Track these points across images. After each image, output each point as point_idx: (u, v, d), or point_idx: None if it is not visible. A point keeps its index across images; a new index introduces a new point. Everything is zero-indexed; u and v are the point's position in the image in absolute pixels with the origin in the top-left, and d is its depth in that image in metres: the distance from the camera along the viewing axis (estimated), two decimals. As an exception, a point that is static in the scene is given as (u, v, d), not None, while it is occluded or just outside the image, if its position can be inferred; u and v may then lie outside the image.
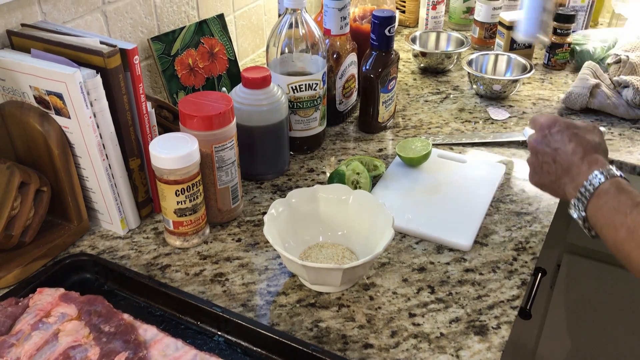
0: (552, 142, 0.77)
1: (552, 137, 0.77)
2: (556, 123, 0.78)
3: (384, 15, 1.04)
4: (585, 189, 0.70)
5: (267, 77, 0.94)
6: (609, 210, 0.68)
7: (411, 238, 0.89)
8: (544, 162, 0.78)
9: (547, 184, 0.79)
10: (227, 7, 1.28)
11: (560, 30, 1.32)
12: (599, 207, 0.69)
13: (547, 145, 0.77)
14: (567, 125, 0.77)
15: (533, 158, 0.80)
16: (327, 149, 1.10)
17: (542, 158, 0.78)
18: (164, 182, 0.81)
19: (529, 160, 0.82)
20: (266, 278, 0.82)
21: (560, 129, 0.77)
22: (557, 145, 0.76)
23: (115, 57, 0.78)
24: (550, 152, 0.77)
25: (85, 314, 0.72)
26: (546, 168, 0.78)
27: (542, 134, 0.79)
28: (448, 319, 0.76)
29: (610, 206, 0.68)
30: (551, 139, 0.77)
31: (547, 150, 0.77)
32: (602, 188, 0.69)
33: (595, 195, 0.69)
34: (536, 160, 0.79)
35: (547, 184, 0.79)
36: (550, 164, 0.77)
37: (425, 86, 1.32)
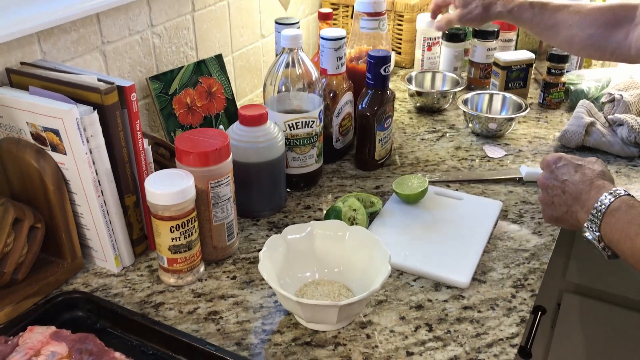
0: (559, 175, 0.83)
1: (559, 170, 0.84)
2: (561, 158, 0.85)
3: (379, 55, 1.06)
4: (597, 210, 0.76)
5: (264, 114, 0.95)
6: (622, 224, 0.73)
7: (408, 275, 0.88)
8: (555, 195, 0.84)
9: (559, 215, 0.84)
10: (226, 48, 1.30)
11: (554, 70, 1.34)
12: (613, 224, 0.74)
13: (555, 179, 0.84)
14: (571, 158, 0.85)
15: (544, 194, 0.86)
16: (324, 186, 1.10)
17: (552, 192, 0.84)
18: (158, 218, 0.80)
19: (540, 197, 0.88)
20: (261, 316, 0.81)
21: (565, 163, 0.84)
22: (564, 177, 0.83)
23: (112, 94, 0.79)
24: (558, 184, 0.83)
25: (76, 353, 0.70)
26: (557, 200, 0.83)
27: (549, 170, 0.86)
28: (447, 357, 0.74)
29: (623, 221, 0.73)
30: (558, 173, 0.84)
31: (555, 184, 0.84)
32: (613, 206, 0.74)
33: (607, 213, 0.74)
34: (547, 196, 0.86)
35: (559, 215, 0.84)
36: (560, 196, 0.83)
37: (422, 125, 1.32)
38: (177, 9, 1.15)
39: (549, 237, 0.96)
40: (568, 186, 0.82)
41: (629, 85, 1.27)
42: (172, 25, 1.15)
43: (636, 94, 1.22)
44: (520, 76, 1.37)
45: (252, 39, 1.39)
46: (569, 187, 0.82)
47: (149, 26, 1.10)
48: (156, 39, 1.12)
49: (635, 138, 1.15)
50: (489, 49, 1.42)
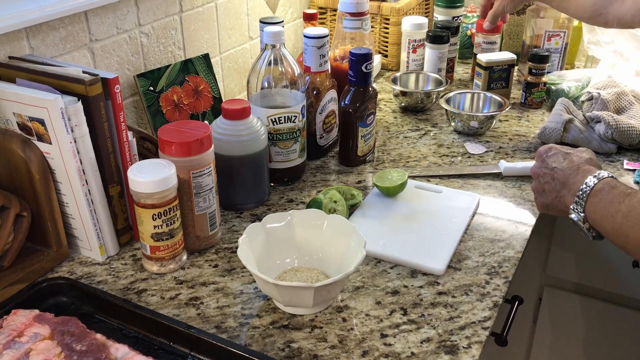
0: (549, 163, 0.88)
1: (549, 159, 0.89)
2: (552, 148, 0.91)
3: (360, 52, 1.09)
4: (582, 192, 0.80)
5: (247, 108, 0.98)
6: (605, 203, 0.77)
7: (386, 263, 0.90)
8: (545, 183, 0.88)
9: (550, 202, 0.88)
10: (214, 48, 1.33)
11: (535, 70, 1.37)
12: (596, 204, 0.78)
13: (546, 167, 0.89)
14: (561, 147, 0.90)
15: (536, 183, 0.92)
16: (308, 180, 1.12)
17: (543, 179, 0.89)
18: (141, 206, 0.83)
19: (533, 186, 0.93)
20: (241, 301, 0.83)
21: (555, 152, 0.89)
22: (554, 164, 0.87)
23: (96, 85, 0.82)
24: (548, 172, 0.88)
25: (58, 334, 0.72)
26: (547, 187, 0.88)
27: (540, 159, 0.91)
28: (419, 339, 0.76)
29: (605, 200, 0.77)
30: (549, 161, 0.89)
31: (546, 172, 0.88)
32: (597, 188, 0.79)
33: (591, 195, 0.79)
34: (539, 184, 0.90)
35: (550, 202, 0.88)
36: (550, 183, 0.87)
37: (405, 124, 1.35)
38: (164, 9, 1.18)
39: (524, 228, 0.98)
40: (557, 172, 0.86)
41: (607, 84, 1.30)
42: (160, 25, 1.17)
43: (614, 92, 1.25)
44: (503, 76, 1.40)
45: (240, 41, 1.41)
46: (557, 173, 0.86)
47: (136, 25, 1.13)
48: (144, 38, 1.15)
49: (612, 134, 1.18)
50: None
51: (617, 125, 1.17)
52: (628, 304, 1.19)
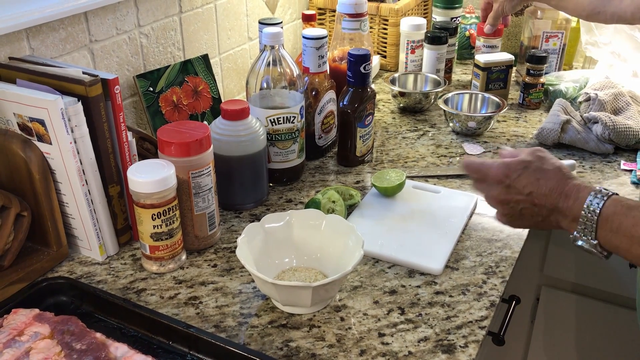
0: (520, 188, 0.75)
1: (517, 182, 0.75)
2: (510, 170, 0.76)
3: (359, 53, 1.09)
4: (587, 219, 0.70)
5: (246, 109, 0.98)
6: (628, 228, 0.67)
7: (384, 263, 0.91)
8: (523, 208, 0.76)
9: (533, 224, 0.78)
10: (213, 49, 1.34)
11: (533, 71, 1.38)
12: (615, 230, 0.68)
13: (518, 193, 0.76)
14: (520, 162, 0.76)
15: (507, 209, 0.78)
16: (306, 181, 1.13)
17: (519, 205, 0.76)
18: (140, 206, 0.83)
19: (503, 212, 0.79)
20: (239, 301, 0.83)
21: (519, 173, 0.76)
22: (528, 189, 0.75)
23: (96, 86, 0.82)
24: (524, 198, 0.75)
25: (58, 333, 0.73)
26: (527, 212, 0.76)
27: (503, 185, 0.77)
28: (417, 338, 0.77)
29: (628, 225, 0.67)
30: (518, 186, 0.75)
31: (520, 198, 0.76)
32: (607, 212, 0.69)
33: (602, 220, 0.69)
34: (512, 210, 0.77)
35: (533, 224, 0.78)
36: (531, 208, 0.76)
37: (404, 124, 1.36)
38: (164, 10, 1.18)
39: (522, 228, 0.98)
40: (538, 198, 0.74)
41: (604, 85, 1.30)
42: (160, 26, 1.18)
43: (611, 93, 1.26)
44: (500, 77, 1.40)
45: (240, 42, 1.42)
46: (539, 199, 0.74)
47: (136, 26, 1.13)
48: (143, 38, 1.15)
49: (609, 135, 1.18)
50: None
51: (614, 126, 1.18)
52: (625, 304, 1.19)
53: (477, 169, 0.79)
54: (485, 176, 0.79)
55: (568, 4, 1.22)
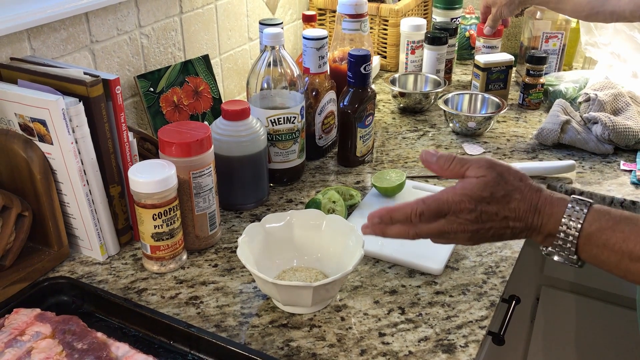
0: (494, 215, 0.66)
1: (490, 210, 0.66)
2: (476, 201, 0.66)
3: (359, 54, 1.10)
4: (565, 235, 0.64)
5: (246, 109, 0.98)
6: (618, 244, 0.62)
7: (384, 263, 0.91)
8: (496, 231, 0.67)
9: (500, 240, 0.70)
10: (213, 49, 1.34)
11: (533, 71, 1.38)
12: (601, 246, 0.63)
13: (492, 217, 0.66)
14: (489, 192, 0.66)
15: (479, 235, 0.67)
16: (307, 181, 1.13)
17: (490, 231, 0.67)
18: (141, 206, 0.83)
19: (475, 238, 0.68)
20: (240, 301, 0.83)
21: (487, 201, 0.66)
22: (503, 214, 0.66)
23: (97, 86, 0.82)
24: (498, 223, 0.67)
25: (60, 333, 0.73)
26: (503, 232, 0.68)
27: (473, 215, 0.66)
28: (417, 338, 0.77)
29: (617, 240, 0.62)
30: (493, 211, 0.66)
31: (492, 225, 0.67)
32: (590, 229, 0.63)
33: (584, 237, 0.64)
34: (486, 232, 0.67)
35: (500, 240, 0.70)
36: (506, 228, 0.67)
37: (404, 124, 1.36)
38: (164, 10, 1.18)
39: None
40: (515, 220, 0.66)
41: (604, 85, 1.31)
42: (160, 26, 1.18)
43: (611, 94, 1.26)
44: (500, 77, 1.40)
45: (240, 42, 1.42)
46: (515, 223, 0.66)
47: (137, 27, 1.13)
48: (144, 39, 1.15)
49: (609, 135, 1.19)
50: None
51: (614, 127, 1.18)
52: (625, 303, 1.20)
53: (436, 209, 0.67)
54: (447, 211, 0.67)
55: (566, 5, 1.22)
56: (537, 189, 0.67)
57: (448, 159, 0.70)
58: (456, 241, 0.69)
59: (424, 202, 0.67)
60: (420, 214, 0.67)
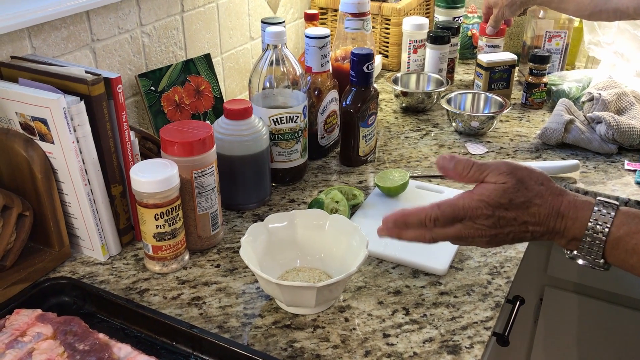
0: (512, 220, 0.65)
1: (508, 216, 0.65)
2: (494, 207, 0.65)
3: (362, 52, 1.09)
4: (592, 240, 0.63)
5: (249, 108, 0.98)
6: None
7: (388, 263, 0.90)
8: (516, 235, 0.67)
9: (520, 242, 0.69)
10: (215, 48, 1.33)
11: (536, 70, 1.37)
12: (630, 251, 0.62)
13: (511, 222, 0.66)
14: (508, 199, 0.65)
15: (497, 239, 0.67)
16: (309, 181, 1.12)
17: (511, 235, 0.67)
18: (143, 205, 0.83)
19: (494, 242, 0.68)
20: (243, 301, 0.83)
21: (505, 207, 0.65)
22: (521, 219, 0.65)
23: (99, 85, 0.82)
24: (517, 228, 0.66)
25: (61, 334, 0.72)
26: (522, 236, 0.67)
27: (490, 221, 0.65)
28: (422, 339, 0.76)
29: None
30: (511, 217, 0.65)
31: (511, 229, 0.66)
32: (619, 233, 0.62)
33: (612, 241, 0.62)
34: (506, 236, 0.67)
35: (520, 242, 0.69)
36: (525, 232, 0.66)
37: (406, 124, 1.35)
38: (166, 9, 1.18)
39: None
40: (532, 225, 0.66)
41: (608, 84, 1.30)
42: (162, 25, 1.17)
43: (614, 93, 1.25)
44: (503, 77, 1.40)
45: (241, 41, 1.41)
46: (533, 226, 0.66)
47: (138, 25, 1.13)
48: (145, 38, 1.15)
49: (613, 135, 1.18)
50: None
51: (618, 126, 1.17)
52: (628, 304, 1.19)
53: (451, 215, 0.66)
54: (463, 217, 0.66)
55: (569, 5, 1.21)
56: (559, 192, 0.66)
57: (467, 165, 0.68)
58: (475, 244, 0.68)
59: (438, 207, 0.66)
60: (434, 220, 0.66)
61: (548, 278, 1.24)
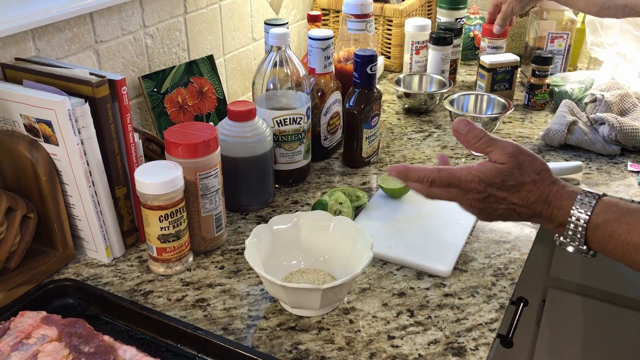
0: (501, 200, 0.70)
1: (498, 195, 0.70)
2: (486, 184, 0.70)
3: (365, 54, 1.09)
4: (575, 228, 0.67)
5: (252, 110, 0.98)
6: (623, 235, 0.64)
7: (392, 265, 0.90)
8: (504, 212, 0.71)
9: (511, 221, 0.74)
10: (217, 50, 1.33)
11: (538, 71, 1.37)
12: (607, 237, 0.66)
13: (500, 201, 0.70)
14: (500, 179, 0.69)
15: (483, 213, 0.72)
16: (312, 182, 1.12)
17: (498, 211, 0.71)
18: (148, 207, 0.83)
19: (477, 213, 0.73)
20: (247, 303, 0.83)
21: (497, 186, 0.69)
22: (510, 200, 0.70)
23: (103, 87, 0.82)
24: (504, 206, 0.70)
25: (66, 336, 0.73)
26: (508, 214, 0.71)
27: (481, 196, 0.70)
28: (427, 341, 0.76)
29: (622, 232, 0.64)
30: (501, 196, 0.70)
31: (501, 206, 0.71)
32: (597, 220, 0.66)
33: (592, 228, 0.66)
34: (493, 211, 0.72)
35: (511, 221, 0.74)
36: (512, 212, 0.71)
37: (409, 125, 1.35)
38: (169, 10, 1.18)
39: (530, 229, 0.98)
40: (519, 207, 0.70)
41: (610, 86, 1.30)
42: (165, 26, 1.17)
43: (617, 94, 1.25)
44: (506, 78, 1.40)
45: (244, 42, 1.41)
46: (522, 209, 0.70)
47: (141, 27, 1.13)
48: (149, 39, 1.15)
49: (616, 136, 1.18)
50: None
51: (621, 127, 1.17)
52: (631, 305, 1.19)
53: (447, 181, 0.71)
54: (457, 186, 0.71)
55: (579, 1, 1.21)
56: (551, 182, 0.70)
57: (477, 135, 0.73)
58: (467, 211, 0.74)
59: (438, 171, 0.71)
60: (431, 181, 0.72)
61: (551, 279, 1.24)
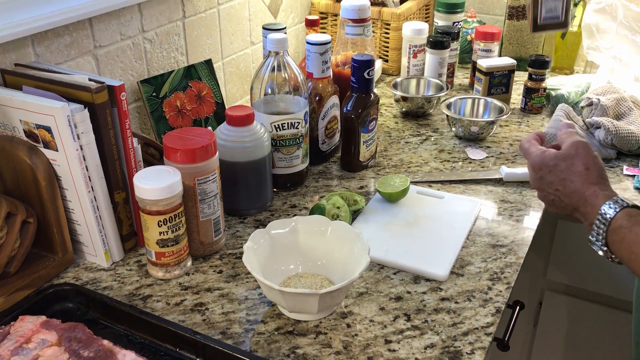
0: (549, 183, 0.82)
1: (548, 177, 0.82)
2: (542, 164, 0.83)
3: (363, 59, 1.10)
4: (598, 227, 0.75)
5: (250, 115, 0.98)
6: (629, 243, 0.71)
7: (389, 269, 0.91)
8: (554, 198, 0.83)
9: (564, 214, 0.84)
10: (216, 54, 1.34)
11: (535, 75, 1.38)
12: (619, 242, 0.73)
13: (547, 185, 0.83)
14: (554, 163, 0.81)
15: (541, 194, 0.86)
16: (310, 186, 1.13)
17: (550, 197, 0.84)
18: (146, 212, 0.83)
19: (539, 197, 0.87)
20: (246, 307, 0.83)
21: (550, 170, 0.82)
22: (555, 186, 0.82)
23: (102, 93, 0.82)
24: (553, 192, 0.83)
25: (65, 340, 0.73)
26: (558, 204, 0.83)
27: (537, 175, 0.84)
28: (423, 345, 0.77)
29: (629, 240, 0.71)
30: (548, 180, 0.82)
31: (550, 191, 0.83)
32: (615, 224, 0.73)
33: (611, 230, 0.73)
34: (545, 196, 0.85)
35: (564, 214, 0.84)
36: (559, 202, 0.82)
37: (406, 129, 1.36)
38: (167, 15, 1.18)
39: (526, 233, 0.99)
40: (563, 196, 0.81)
41: (606, 90, 1.31)
42: (163, 31, 1.18)
43: (613, 98, 1.26)
44: (503, 82, 1.40)
45: (242, 46, 1.42)
46: (564, 197, 0.81)
47: (140, 32, 1.13)
48: (147, 44, 1.15)
49: (612, 140, 1.19)
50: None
51: (616, 131, 1.18)
52: (628, 308, 1.20)
53: (524, 150, 0.87)
54: (528, 158, 0.86)
55: None
56: (595, 181, 0.78)
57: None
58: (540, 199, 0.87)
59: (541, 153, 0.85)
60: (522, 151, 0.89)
61: (547, 282, 1.25)
